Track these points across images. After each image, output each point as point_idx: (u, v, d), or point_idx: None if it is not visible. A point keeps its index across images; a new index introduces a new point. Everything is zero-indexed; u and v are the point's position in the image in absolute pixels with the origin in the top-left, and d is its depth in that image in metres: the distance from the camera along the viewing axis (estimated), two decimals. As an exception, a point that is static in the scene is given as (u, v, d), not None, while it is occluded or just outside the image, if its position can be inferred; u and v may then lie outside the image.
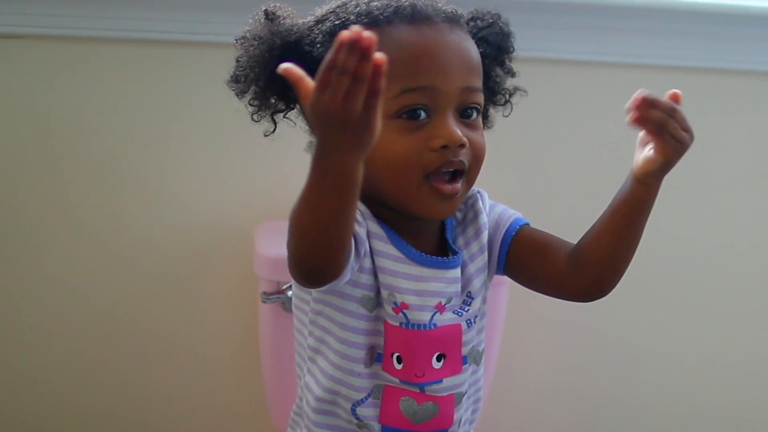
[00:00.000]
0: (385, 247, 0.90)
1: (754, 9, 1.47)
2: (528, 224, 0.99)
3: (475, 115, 0.89)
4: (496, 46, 0.95)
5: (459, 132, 0.85)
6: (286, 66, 0.70)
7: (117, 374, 1.53)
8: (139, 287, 1.50)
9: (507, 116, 1.00)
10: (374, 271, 0.90)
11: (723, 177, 1.59)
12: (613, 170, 1.57)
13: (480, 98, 0.89)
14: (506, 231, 0.97)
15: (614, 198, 0.93)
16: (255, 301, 1.37)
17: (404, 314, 0.90)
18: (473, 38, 0.92)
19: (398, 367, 0.92)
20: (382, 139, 0.82)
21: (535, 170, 1.54)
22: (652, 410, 1.68)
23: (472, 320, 0.95)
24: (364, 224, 0.89)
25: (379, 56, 0.66)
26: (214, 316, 1.52)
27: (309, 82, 0.70)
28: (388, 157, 0.85)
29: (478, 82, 0.89)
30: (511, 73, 0.98)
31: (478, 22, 0.95)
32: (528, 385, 1.62)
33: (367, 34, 0.65)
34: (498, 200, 1.00)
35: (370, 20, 0.86)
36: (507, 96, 0.99)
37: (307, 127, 0.94)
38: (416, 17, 0.86)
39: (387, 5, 0.87)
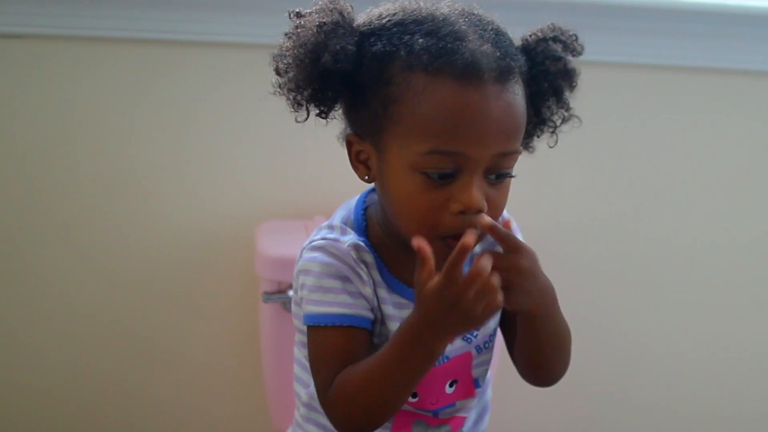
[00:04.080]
0: (390, 295, 0.89)
1: (754, 9, 1.47)
2: None
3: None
4: (553, 86, 0.89)
5: (479, 198, 0.81)
6: (419, 244, 0.77)
7: (118, 375, 1.53)
8: (141, 288, 1.49)
9: (552, 147, 0.95)
10: (382, 320, 0.89)
11: (723, 176, 1.59)
12: (612, 169, 1.58)
13: (514, 161, 0.85)
14: None
15: None
16: (256, 300, 1.37)
17: None
18: (534, 69, 0.87)
19: (413, 400, 0.92)
20: (404, 188, 0.82)
21: (535, 169, 1.54)
22: (654, 407, 1.68)
23: (482, 346, 0.94)
24: (369, 282, 0.88)
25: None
26: (215, 315, 1.52)
27: (432, 264, 0.77)
28: (407, 210, 0.83)
29: (516, 145, 0.84)
30: (566, 108, 0.92)
31: (551, 43, 0.89)
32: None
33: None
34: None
35: (419, 63, 0.80)
36: (557, 124, 0.93)
37: (344, 127, 0.90)
38: (466, 74, 0.79)
39: (441, 51, 0.80)
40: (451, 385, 0.93)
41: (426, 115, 0.80)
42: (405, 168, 0.82)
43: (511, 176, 0.85)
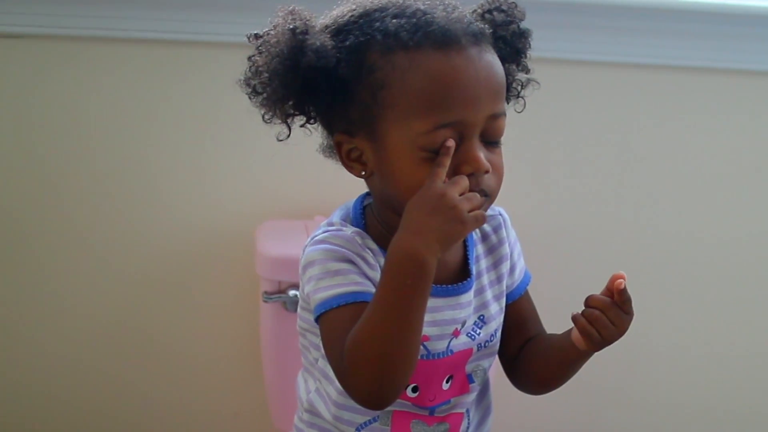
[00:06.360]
0: None
1: (754, 9, 1.47)
2: (530, 280, 1.02)
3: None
4: (513, 48, 0.92)
5: (484, 159, 0.83)
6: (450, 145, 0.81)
7: (117, 374, 1.53)
8: (141, 288, 1.50)
9: (520, 112, 0.97)
10: None
11: (723, 176, 1.59)
12: (612, 169, 1.58)
13: (503, 126, 0.86)
14: (516, 288, 1.00)
15: (559, 337, 0.96)
16: (256, 300, 1.37)
17: (425, 346, 0.89)
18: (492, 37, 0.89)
19: (413, 395, 0.92)
20: (409, 165, 0.83)
21: (535, 169, 1.54)
22: (656, 404, 1.68)
23: (483, 344, 0.95)
24: (376, 266, 0.87)
25: None
26: (215, 316, 1.52)
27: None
28: (416, 185, 0.82)
29: (503, 106, 0.86)
30: (526, 70, 0.95)
31: (495, 14, 0.91)
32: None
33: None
34: (499, 200, 1.00)
35: (398, 43, 0.82)
36: (519, 89, 0.95)
37: (325, 135, 0.92)
38: (445, 41, 0.82)
39: (415, 26, 0.82)
40: (447, 381, 0.93)
41: (418, 89, 0.81)
42: (409, 149, 0.82)
43: (500, 144, 0.87)
